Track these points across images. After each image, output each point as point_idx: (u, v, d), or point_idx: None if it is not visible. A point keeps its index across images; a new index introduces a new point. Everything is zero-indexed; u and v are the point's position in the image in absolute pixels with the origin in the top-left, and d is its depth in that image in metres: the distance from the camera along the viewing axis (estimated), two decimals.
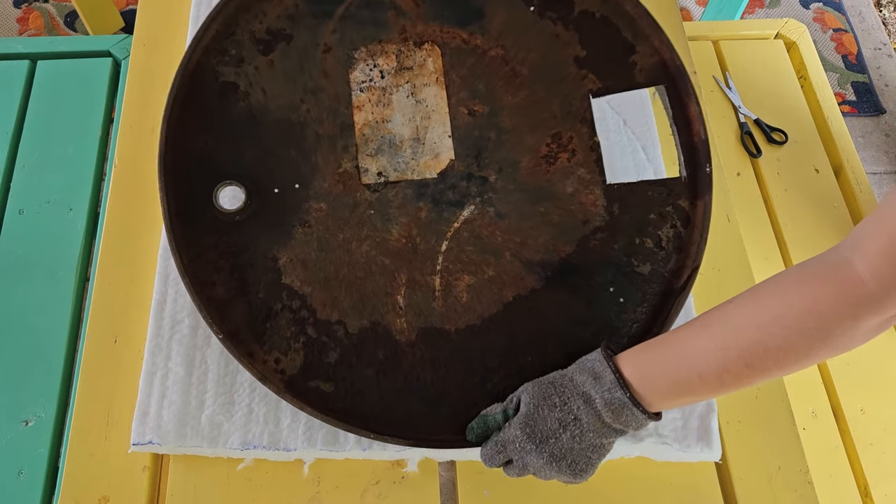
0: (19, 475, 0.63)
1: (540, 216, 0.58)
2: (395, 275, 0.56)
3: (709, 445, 0.56)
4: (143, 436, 0.54)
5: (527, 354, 0.55)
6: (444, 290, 0.56)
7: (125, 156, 0.67)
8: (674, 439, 0.56)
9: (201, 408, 0.56)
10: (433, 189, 0.58)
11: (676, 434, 0.56)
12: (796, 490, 0.56)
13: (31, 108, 0.83)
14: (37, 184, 0.78)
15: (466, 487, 0.56)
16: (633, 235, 0.58)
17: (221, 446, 0.54)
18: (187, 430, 0.55)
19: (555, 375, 0.50)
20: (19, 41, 0.88)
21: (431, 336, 0.56)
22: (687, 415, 0.57)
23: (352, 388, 0.54)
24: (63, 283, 0.73)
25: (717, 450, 0.56)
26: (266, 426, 0.55)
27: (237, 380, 0.57)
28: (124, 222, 0.64)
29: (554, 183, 0.59)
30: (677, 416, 0.57)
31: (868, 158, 1.40)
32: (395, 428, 0.53)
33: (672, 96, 0.60)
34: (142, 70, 0.72)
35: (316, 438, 0.55)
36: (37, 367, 0.69)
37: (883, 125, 1.44)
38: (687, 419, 0.57)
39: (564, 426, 0.47)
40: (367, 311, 0.56)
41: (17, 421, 0.66)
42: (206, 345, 0.58)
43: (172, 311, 0.59)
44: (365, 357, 0.55)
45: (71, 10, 1.48)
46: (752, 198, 1.00)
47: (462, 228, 0.58)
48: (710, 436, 0.56)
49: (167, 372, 0.57)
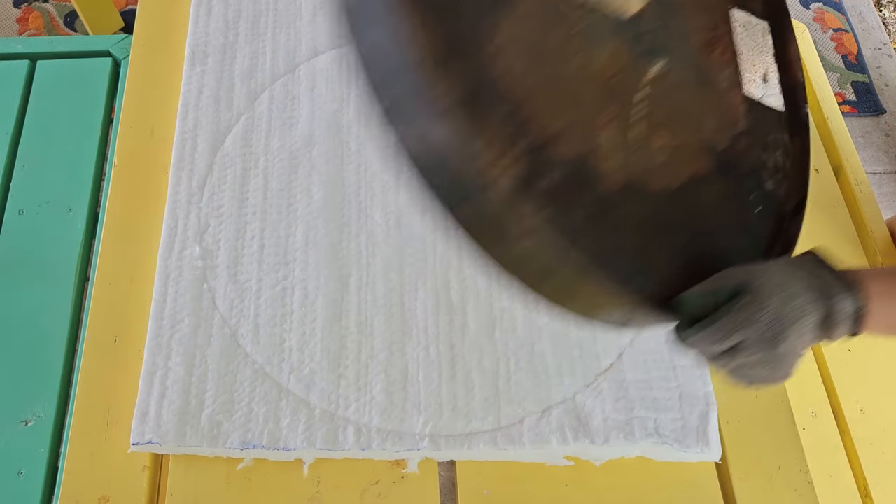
0: (19, 475, 0.63)
1: (706, 100, 0.53)
2: (604, 105, 0.47)
3: (708, 445, 0.56)
4: (142, 435, 0.54)
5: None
6: (645, 139, 0.48)
7: (125, 156, 0.67)
8: (673, 439, 0.56)
9: (201, 407, 0.56)
10: (629, 28, 0.50)
11: (676, 434, 0.56)
12: (796, 490, 0.56)
13: (31, 108, 0.83)
14: (36, 184, 0.78)
15: (466, 487, 0.56)
16: (759, 151, 0.55)
17: (221, 446, 0.54)
18: (187, 429, 0.55)
19: (788, 265, 0.45)
20: (19, 41, 0.88)
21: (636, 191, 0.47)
22: (687, 415, 0.57)
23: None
24: (63, 283, 0.73)
25: (716, 450, 0.56)
26: (266, 425, 0.55)
27: (237, 379, 0.57)
28: (124, 222, 0.64)
29: (713, 71, 0.55)
30: (677, 417, 0.57)
31: (868, 158, 1.40)
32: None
33: (775, 35, 0.58)
34: (142, 70, 0.72)
35: (315, 438, 0.55)
36: (36, 367, 0.69)
37: (883, 125, 1.44)
38: (686, 419, 0.57)
39: (799, 319, 0.43)
40: (580, 136, 0.44)
41: (17, 421, 0.66)
42: (206, 344, 0.58)
43: (172, 311, 0.59)
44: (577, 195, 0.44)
45: (70, 11, 1.48)
46: None
47: (656, 81, 0.51)
48: (710, 436, 0.56)
49: (167, 371, 0.57)
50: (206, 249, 0.63)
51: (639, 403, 0.57)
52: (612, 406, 0.57)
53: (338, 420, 0.56)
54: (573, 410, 0.57)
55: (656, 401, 0.58)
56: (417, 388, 0.58)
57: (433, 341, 0.60)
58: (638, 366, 0.59)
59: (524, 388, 0.58)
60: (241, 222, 0.64)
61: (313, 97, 0.71)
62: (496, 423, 0.57)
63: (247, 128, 0.69)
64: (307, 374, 0.58)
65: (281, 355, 0.58)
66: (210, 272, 0.62)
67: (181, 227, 0.64)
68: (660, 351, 0.60)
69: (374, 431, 0.56)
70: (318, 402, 0.57)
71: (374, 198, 0.66)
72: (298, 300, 0.61)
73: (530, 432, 0.56)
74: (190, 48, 0.73)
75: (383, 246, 0.63)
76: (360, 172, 0.67)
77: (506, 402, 0.57)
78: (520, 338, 0.60)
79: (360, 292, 0.61)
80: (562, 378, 0.58)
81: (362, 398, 0.57)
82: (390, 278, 0.62)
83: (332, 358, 0.58)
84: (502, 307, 0.61)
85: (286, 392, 0.57)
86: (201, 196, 0.65)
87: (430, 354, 0.59)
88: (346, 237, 0.64)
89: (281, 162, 0.67)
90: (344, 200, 0.65)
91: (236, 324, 0.59)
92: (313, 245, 0.63)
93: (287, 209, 0.65)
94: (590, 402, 0.57)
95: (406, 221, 0.64)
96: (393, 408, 0.57)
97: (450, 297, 0.61)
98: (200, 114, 0.70)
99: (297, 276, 0.62)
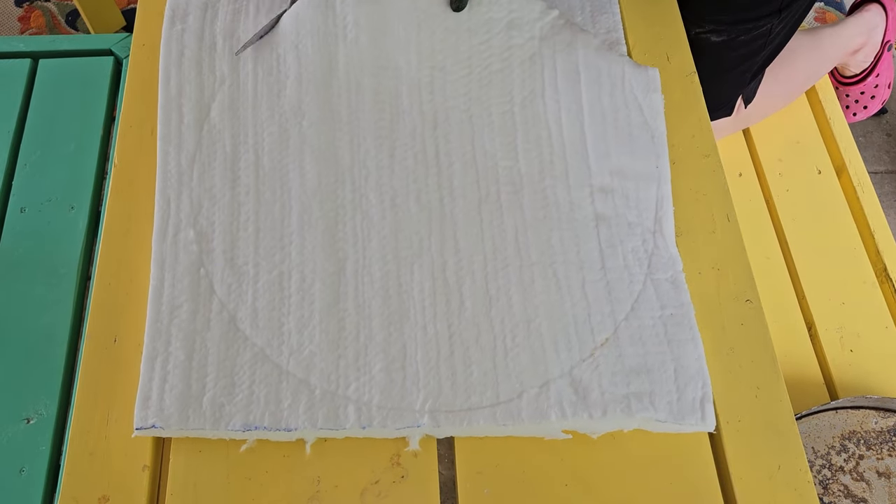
0: (20, 473, 0.64)
1: None
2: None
3: (703, 418, 0.57)
4: (145, 420, 0.55)
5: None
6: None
7: (125, 156, 0.67)
8: (668, 412, 0.57)
9: (203, 391, 0.56)
10: None
11: (671, 407, 0.57)
12: (796, 489, 0.56)
13: (33, 107, 0.83)
14: (38, 182, 0.78)
15: (466, 486, 0.56)
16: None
17: (223, 428, 0.55)
18: (189, 413, 0.55)
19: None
20: (21, 39, 0.88)
21: None
22: (682, 387, 0.58)
23: None
24: (64, 282, 0.73)
25: (710, 421, 0.57)
26: (267, 407, 0.55)
27: (237, 363, 0.57)
28: (124, 222, 0.64)
29: None
30: (672, 389, 0.58)
31: (869, 158, 1.40)
32: None
33: None
34: (141, 70, 0.72)
35: (317, 417, 0.55)
36: (38, 365, 0.69)
37: (884, 125, 1.44)
38: (682, 391, 0.57)
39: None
40: None
41: (19, 419, 0.66)
42: (205, 329, 0.58)
43: (171, 296, 0.59)
44: None
45: (72, 9, 1.49)
46: (754, 198, 1.01)
47: None
48: (705, 408, 0.57)
49: (168, 356, 0.57)
50: (200, 233, 0.62)
51: (634, 378, 0.58)
52: (609, 380, 0.58)
53: (338, 399, 0.56)
54: (571, 384, 0.58)
55: (651, 373, 0.58)
56: (416, 367, 0.58)
57: (430, 321, 0.60)
58: (634, 340, 0.60)
59: (521, 364, 0.58)
60: (235, 203, 0.64)
61: (299, 55, 0.69)
62: (495, 398, 0.57)
63: (232, 96, 0.68)
64: (307, 355, 0.58)
65: (280, 338, 0.58)
66: (206, 256, 0.61)
67: (174, 209, 0.63)
68: (654, 325, 0.60)
69: (375, 409, 0.56)
70: (319, 383, 0.57)
71: (369, 177, 0.65)
72: (296, 284, 0.61)
73: (529, 407, 0.57)
74: (170, 7, 0.71)
75: (379, 228, 0.63)
76: (354, 148, 0.66)
77: (504, 377, 0.58)
78: (515, 315, 0.60)
79: (356, 275, 0.61)
80: (558, 353, 0.59)
81: (362, 377, 0.57)
82: (387, 260, 0.62)
83: (331, 339, 0.59)
84: (498, 286, 0.61)
85: (286, 374, 0.57)
86: (191, 174, 0.64)
87: (427, 333, 0.59)
88: (342, 219, 0.63)
89: (271, 136, 0.66)
90: (337, 181, 0.65)
91: (235, 308, 0.59)
92: (309, 228, 0.63)
93: (280, 188, 0.64)
94: (587, 376, 0.58)
95: (401, 202, 0.64)
96: (392, 385, 0.57)
97: (446, 278, 0.61)
98: (183, 79, 0.68)
99: (294, 261, 0.62)
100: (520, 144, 0.67)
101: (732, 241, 0.66)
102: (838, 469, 0.78)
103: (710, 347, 0.61)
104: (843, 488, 0.77)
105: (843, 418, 0.80)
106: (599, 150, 0.66)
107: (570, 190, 0.65)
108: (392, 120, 0.67)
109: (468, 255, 0.62)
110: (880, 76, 1.22)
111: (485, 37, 0.69)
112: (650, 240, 0.64)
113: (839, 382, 0.87)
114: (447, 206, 0.64)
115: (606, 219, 0.64)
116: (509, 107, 0.68)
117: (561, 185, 0.65)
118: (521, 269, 0.62)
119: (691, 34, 0.79)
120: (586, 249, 0.63)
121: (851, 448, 0.79)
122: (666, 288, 0.62)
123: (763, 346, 0.62)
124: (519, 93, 0.68)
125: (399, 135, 0.67)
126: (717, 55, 0.88)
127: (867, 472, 0.78)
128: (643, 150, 0.67)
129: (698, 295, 0.63)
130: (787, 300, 0.92)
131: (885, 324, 0.91)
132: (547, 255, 0.62)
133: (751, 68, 0.92)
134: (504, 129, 0.67)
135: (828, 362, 0.88)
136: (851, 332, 0.90)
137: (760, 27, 0.86)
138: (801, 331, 0.91)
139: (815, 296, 0.92)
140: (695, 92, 0.73)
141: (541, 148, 0.66)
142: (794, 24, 0.90)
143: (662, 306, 0.61)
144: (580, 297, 0.61)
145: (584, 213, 0.64)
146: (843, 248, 0.96)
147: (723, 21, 0.85)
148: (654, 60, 0.75)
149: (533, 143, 0.67)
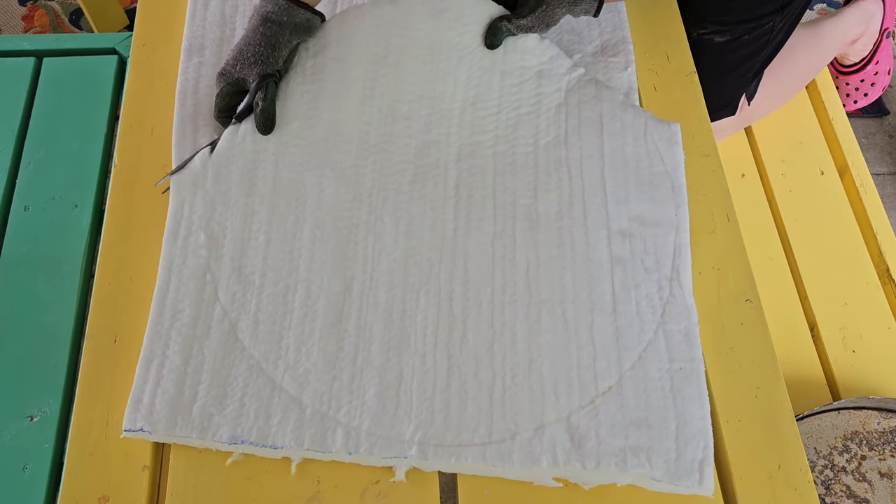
0: (24, 470, 0.64)
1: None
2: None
3: (700, 483, 0.54)
4: (134, 422, 0.55)
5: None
6: None
7: (125, 156, 0.68)
8: (665, 472, 0.54)
9: (194, 398, 0.56)
10: None
11: (668, 466, 0.55)
12: (796, 489, 0.56)
13: (37, 105, 0.84)
14: (42, 180, 0.79)
15: (466, 487, 0.56)
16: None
17: (210, 439, 0.54)
18: (178, 419, 0.55)
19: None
20: (25, 38, 0.89)
21: None
22: (682, 447, 0.55)
23: None
24: (68, 280, 0.73)
25: (708, 486, 0.54)
26: (256, 422, 0.55)
27: (232, 373, 0.57)
28: (125, 222, 0.65)
29: None
30: (671, 448, 0.55)
31: (871, 159, 1.40)
32: None
33: None
34: (141, 70, 0.72)
35: (304, 438, 0.55)
36: (42, 363, 0.69)
37: (887, 126, 1.44)
38: (681, 451, 0.55)
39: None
40: None
41: (22, 416, 0.66)
42: (204, 336, 0.58)
43: (174, 300, 0.59)
44: None
45: (76, 8, 1.49)
46: (757, 199, 1.00)
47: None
48: (703, 472, 0.55)
49: (164, 360, 0.57)
50: (210, 237, 0.62)
51: (634, 431, 0.56)
52: (607, 430, 0.56)
53: (328, 421, 0.56)
54: (567, 431, 0.56)
55: (651, 428, 0.56)
56: (410, 396, 0.57)
57: (430, 350, 0.59)
58: (638, 392, 0.58)
59: (518, 404, 0.57)
60: (248, 211, 0.63)
61: (336, 69, 0.69)
62: (487, 436, 0.56)
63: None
64: (301, 372, 0.57)
65: (278, 352, 0.58)
66: (214, 262, 0.61)
67: (187, 211, 0.63)
68: (660, 378, 0.58)
69: (364, 435, 0.55)
70: (310, 402, 0.56)
71: (387, 200, 0.65)
72: (300, 299, 0.60)
73: (521, 450, 0.55)
74: (187, 41, 0.73)
75: (390, 251, 0.63)
76: (376, 170, 0.66)
77: (499, 416, 0.56)
78: (518, 353, 0.59)
79: (362, 296, 0.61)
80: (558, 397, 0.57)
81: (354, 401, 0.57)
82: (394, 284, 0.61)
83: (328, 359, 0.58)
84: (503, 321, 0.60)
85: (279, 389, 0.57)
86: (206, 175, 0.64)
87: (426, 363, 0.58)
88: (354, 239, 0.63)
89: (297, 148, 0.66)
90: (355, 200, 0.65)
91: (236, 317, 0.59)
92: (320, 244, 0.63)
93: (296, 201, 0.64)
94: (584, 424, 0.56)
95: (415, 228, 0.64)
96: (384, 413, 0.56)
97: (451, 308, 0.61)
98: (199, 101, 0.69)
99: (301, 275, 0.61)
100: (540, 185, 0.66)
101: (732, 241, 0.66)
102: (840, 469, 0.78)
103: (710, 347, 0.60)
104: (845, 489, 0.77)
105: (845, 419, 0.80)
106: (619, 196, 0.65)
107: (587, 231, 0.64)
108: (418, 147, 0.67)
109: (476, 287, 0.61)
110: (879, 63, 1.21)
111: (517, 80, 0.70)
112: (666, 287, 0.62)
113: (841, 383, 0.87)
114: (461, 236, 0.64)
115: (622, 262, 0.63)
116: (533, 148, 0.68)
117: (578, 226, 0.64)
118: (529, 305, 0.61)
119: (693, 35, 0.79)
120: (598, 291, 0.61)
121: (854, 449, 0.78)
122: (678, 340, 0.60)
123: (763, 346, 0.61)
124: (544, 137, 0.68)
125: (423, 162, 0.67)
126: (720, 55, 0.88)
127: (869, 473, 0.77)
128: (663, 199, 0.66)
129: (698, 295, 0.62)
130: (789, 301, 0.92)
131: (887, 325, 0.91)
132: (557, 294, 0.61)
133: (753, 67, 0.92)
134: (526, 169, 0.67)
135: (830, 363, 0.88)
136: (854, 332, 0.90)
137: (763, 25, 0.85)
138: (804, 331, 0.91)
139: (818, 297, 0.92)
140: (695, 92, 0.73)
141: (560, 189, 0.66)
142: (794, 20, 0.90)
143: (671, 359, 0.59)
144: (587, 341, 0.59)
145: (599, 254, 0.63)
146: (845, 249, 0.96)
147: (725, 21, 0.85)
148: (654, 60, 0.75)
149: (553, 185, 0.66)
